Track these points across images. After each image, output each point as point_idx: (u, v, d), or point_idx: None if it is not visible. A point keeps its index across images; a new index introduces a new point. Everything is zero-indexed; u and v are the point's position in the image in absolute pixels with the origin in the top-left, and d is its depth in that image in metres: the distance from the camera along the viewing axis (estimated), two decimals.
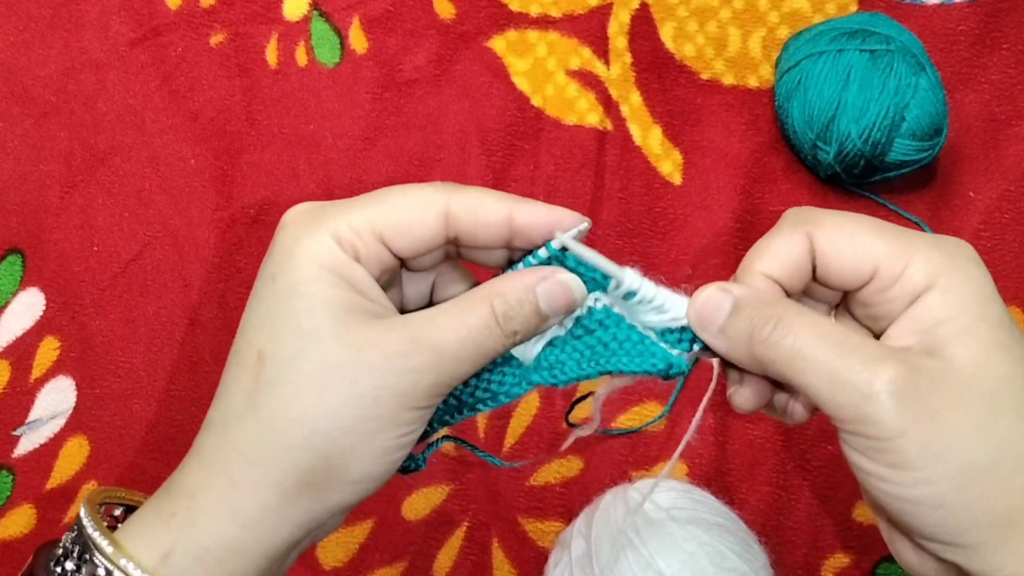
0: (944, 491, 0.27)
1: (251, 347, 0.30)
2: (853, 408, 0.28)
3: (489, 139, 0.67)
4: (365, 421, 0.28)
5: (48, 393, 0.62)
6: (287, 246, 0.30)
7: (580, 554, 0.51)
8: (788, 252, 0.32)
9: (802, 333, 0.29)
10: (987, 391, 0.28)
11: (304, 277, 0.29)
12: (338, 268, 0.29)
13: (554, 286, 0.31)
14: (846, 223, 0.31)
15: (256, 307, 0.30)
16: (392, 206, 0.30)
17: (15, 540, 0.60)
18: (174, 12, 0.70)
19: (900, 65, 0.59)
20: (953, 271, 0.30)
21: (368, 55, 0.69)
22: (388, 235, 0.30)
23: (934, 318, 0.29)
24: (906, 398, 0.27)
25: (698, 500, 0.53)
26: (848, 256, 0.31)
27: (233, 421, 0.29)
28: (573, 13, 0.69)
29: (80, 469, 0.61)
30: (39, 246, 0.65)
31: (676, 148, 0.66)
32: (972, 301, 0.29)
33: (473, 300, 0.30)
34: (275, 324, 0.29)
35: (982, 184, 0.65)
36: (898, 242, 0.30)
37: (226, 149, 0.67)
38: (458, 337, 0.29)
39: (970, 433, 0.27)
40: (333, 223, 0.30)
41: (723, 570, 0.48)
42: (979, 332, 0.29)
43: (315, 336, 0.29)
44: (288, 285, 0.29)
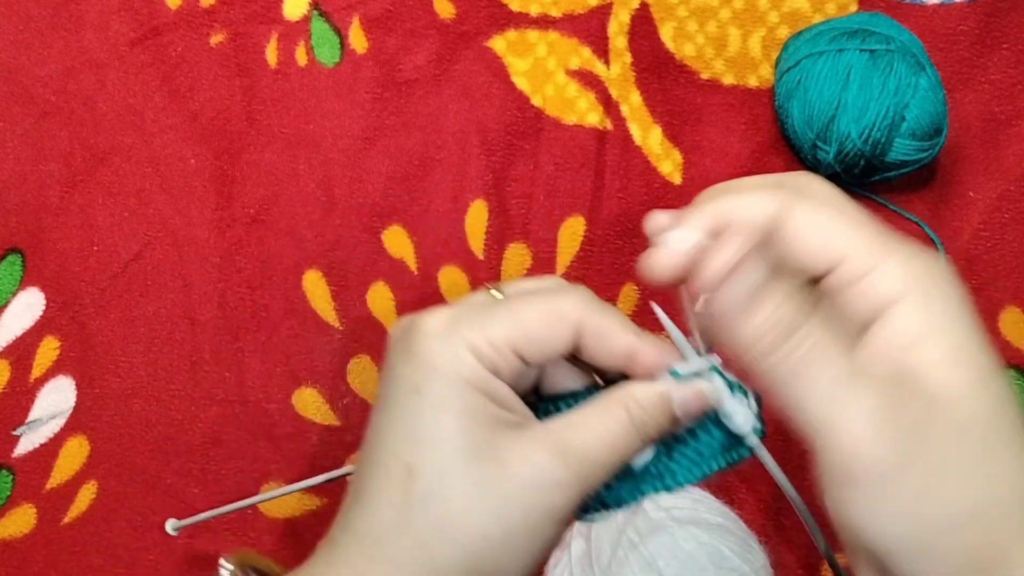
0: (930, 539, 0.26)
1: (398, 460, 0.29)
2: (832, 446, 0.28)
3: (489, 139, 0.67)
4: (515, 537, 0.29)
5: (48, 393, 0.62)
6: (428, 358, 0.30)
7: (580, 554, 0.51)
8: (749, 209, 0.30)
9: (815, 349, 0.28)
10: (974, 432, 0.26)
11: (450, 392, 0.29)
12: (481, 383, 0.30)
13: (690, 396, 0.32)
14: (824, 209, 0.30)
15: (398, 418, 0.30)
16: (529, 321, 0.30)
17: (15, 540, 0.60)
18: (174, 12, 0.70)
19: (900, 65, 0.59)
20: (931, 284, 0.28)
21: (368, 55, 0.69)
22: (523, 349, 0.30)
23: (915, 332, 0.27)
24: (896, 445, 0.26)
25: (698, 500, 0.53)
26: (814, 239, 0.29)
27: (385, 535, 0.29)
28: (573, 13, 0.69)
29: (80, 469, 0.61)
30: (39, 246, 0.65)
31: (676, 148, 0.66)
32: (953, 321, 0.27)
33: (610, 404, 0.31)
34: (424, 439, 0.29)
35: (982, 184, 0.65)
36: (872, 242, 0.29)
37: (226, 149, 0.67)
38: (602, 444, 0.30)
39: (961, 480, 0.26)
40: (472, 335, 0.30)
41: (723, 570, 0.48)
42: (961, 362, 0.27)
43: (466, 452, 0.29)
44: (435, 399, 0.29)
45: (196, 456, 0.61)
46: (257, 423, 0.61)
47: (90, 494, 0.61)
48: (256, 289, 0.64)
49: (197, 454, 0.61)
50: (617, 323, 0.32)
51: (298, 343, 0.63)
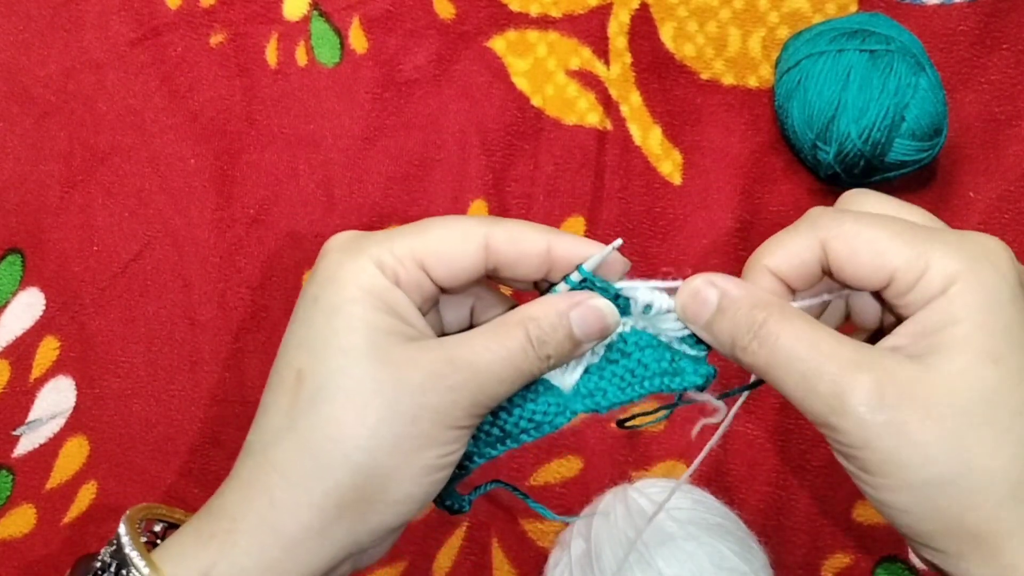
0: (908, 500, 0.28)
1: (290, 367, 0.30)
2: (824, 416, 0.29)
3: (489, 139, 0.67)
4: (406, 439, 0.29)
5: (48, 393, 0.62)
6: (330, 270, 0.30)
7: (580, 554, 0.51)
8: (798, 253, 0.32)
9: (780, 341, 0.30)
10: (962, 405, 0.28)
11: (346, 298, 0.30)
12: (379, 292, 0.30)
13: (587, 311, 0.32)
14: (865, 229, 0.31)
15: (296, 328, 0.31)
16: (433, 236, 0.31)
17: (15, 540, 0.60)
18: (174, 12, 0.70)
19: (900, 65, 0.59)
20: (967, 276, 0.29)
21: (368, 55, 0.69)
22: (429, 263, 0.31)
23: (934, 322, 0.29)
24: (872, 409, 0.28)
25: (698, 500, 0.53)
26: (864, 263, 0.31)
27: (272, 441, 0.29)
28: (573, 13, 0.69)
29: (80, 469, 0.61)
30: (39, 246, 0.65)
31: (676, 148, 0.66)
32: (979, 308, 0.29)
33: (508, 324, 0.31)
34: (315, 343, 0.30)
35: (982, 184, 0.65)
36: (916, 248, 0.30)
37: (226, 149, 0.67)
38: (495, 357, 0.30)
39: (935, 447, 0.27)
40: (376, 249, 0.30)
41: (723, 570, 0.48)
42: (973, 342, 0.28)
43: (354, 355, 0.29)
44: (329, 306, 0.30)
45: (196, 456, 0.61)
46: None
47: (90, 494, 0.61)
48: (256, 289, 0.64)
49: (197, 454, 0.61)
50: (527, 226, 0.32)
51: None
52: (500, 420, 0.34)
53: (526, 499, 0.37)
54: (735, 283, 0.32)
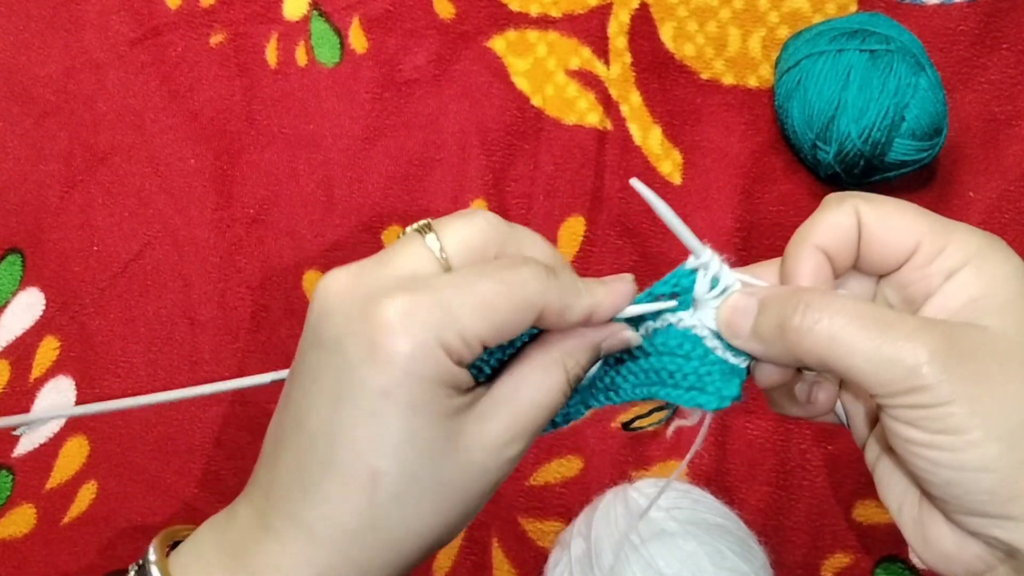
0: (993, 454, 0.27)
1: (362, 464, 0.29)
2: (900, 381, 0.28)
3: (489, 139, 0.67)
4: (472, 514, 0.31)
5: (48, 393, 0.62)
6: (399, 359, 0.28)
7: (580, 554, 0.51)
8: (839, 223, 0.32)
9: (835, 314, 0.29)
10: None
11: (422, 397, 0.29)
12: (449, 379, 0.29)
13: (616, 343, 0.33)
14: (890, 201, 0.32)
15: (363, 420, 0.29)
16: (499, 312, 0.29)
17: (15, 540, 0.60)
18: (174, 12, 0.70)
19: (900, 65, 0.59)
20: (989, 253, 0.31)
21: (368, 55, 0.69)
22: (490, 340, 0.30)
23: (970, 294, 0.30)
24: (952, 363, 0.28)
25: (698, 500, 0.53)
26: (894, 228, 0.32)
27: (350, 537, 0.29)
28: (573, 13, 0.69)
29: (80, 469, 0.61)
30: (39, 246, 0.65)
31: (676, 148, 0.66)
32: (1008, 280, 0.30)
33: (550, 366, 0.31)
34: (391, 444, 0.29)
35: (982, 184, 0.65)
36: (939, 223, 0.32)
37: (226, 149, 0.67)
38: (543, 411, 0.31)
39: (1018, 396, 0.28)
40: (445, 335, 0.29)
41: (723, 570, 0.48)
42: (1016, 307, 0.29)
43: (433, 453, 0.29)
44: (406, 404, 0.29)
45: (196, 456, 0.61)
46: (257, 423, 0.61)
47: (90, 494, 0.61)
48: (256, 289, 0.64)
49: (197, 454, 0.61)
50: (572, 294, 0.31)
51: (298, 343, 0.63)
52: None
53: None
54: (769, 287, 0.33)
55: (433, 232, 0.30)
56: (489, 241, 0.31)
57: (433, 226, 0.31)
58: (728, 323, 0.32)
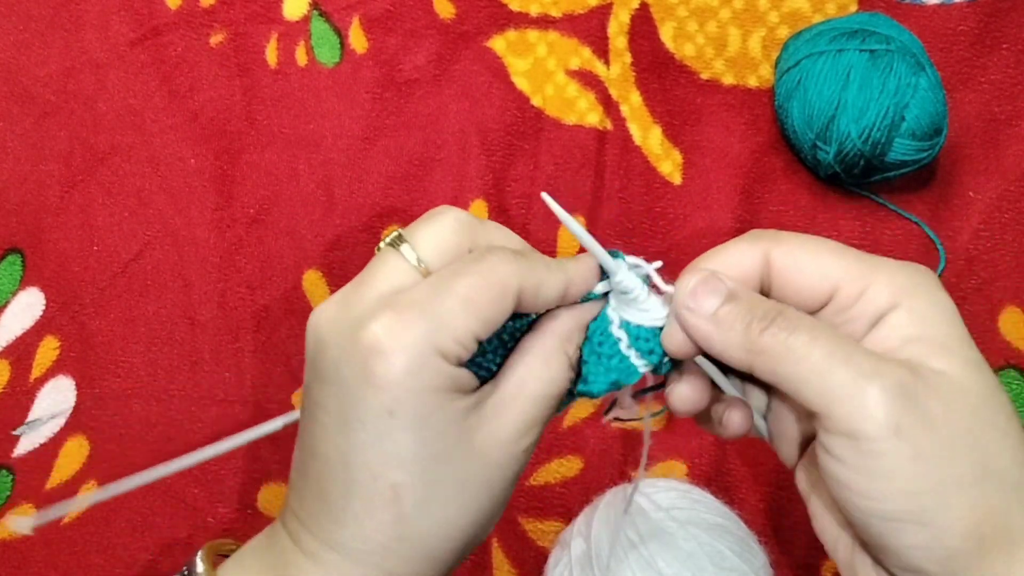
0: (929, 505, 0.27)
1: (382, 481, 0.29)
2: (844, 420, 0.27)
3: (489, 139, 0.67)
4: (505, 501, 0.32)
5: (48, 393, 0.62)
6: (397, 379, 0.28)
7: (580, 554, 0.51)
8: (739, 262, 0.32)
9: (802, 330, 0.29)
10: (973, 405, 0.28)
11: (427, 408, 0.29)
12: (450, 382, 0.30)
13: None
14: (806, 242, 0.31)
15: (374, 440, 0.29)
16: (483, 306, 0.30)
17: (15, 540, 0.60)
18: (174, 12, 0.70)
19: (900, 65, 0.59)
20: (918, 293, 0.29)
21: (368, 55, 0.69)
22: (481, 333, 0.30)
23: (904, 336, 0.29)
24: (904, 402, 0.27)
25: (698, 500, 0.53)
26: (807, 273, 0.30)
27: (380, 550, 0.30)
28: (573, 13, 0.69)
29: (80, 469, 0.61)
30: (39, 246, 0.65)
31: (676, 148, 0.66)
32: (941, 321, 0.29)
33: (550, 353, 0.32)
34: (405, 459, 0.29)
35: (982, 184, 0.65)
36: (859, 264, 0.30)
37: (226, 149, 0.67)
38: (552, 401, 0.32)
39: (960, 445, 0.27)
40: (440, 341, 0.29)
41: (723, 570, 0.48)
42: (955, 350, 0.29)
43: (448, 458, 0.30)
44: (413, 420, 0.29)
45: None
46: (257, 423, 0.61)
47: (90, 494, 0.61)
48: (256, 289, 0.64)
49: None
50: (542, 269, 0.32)
51: (298, 343, 0.63)
52: None
53: None
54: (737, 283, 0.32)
55: (406, 242, 0.31)
56: (462, 238, 0.32)
57: (405, 235, 0.32)
58: (693, 291, 0.32)
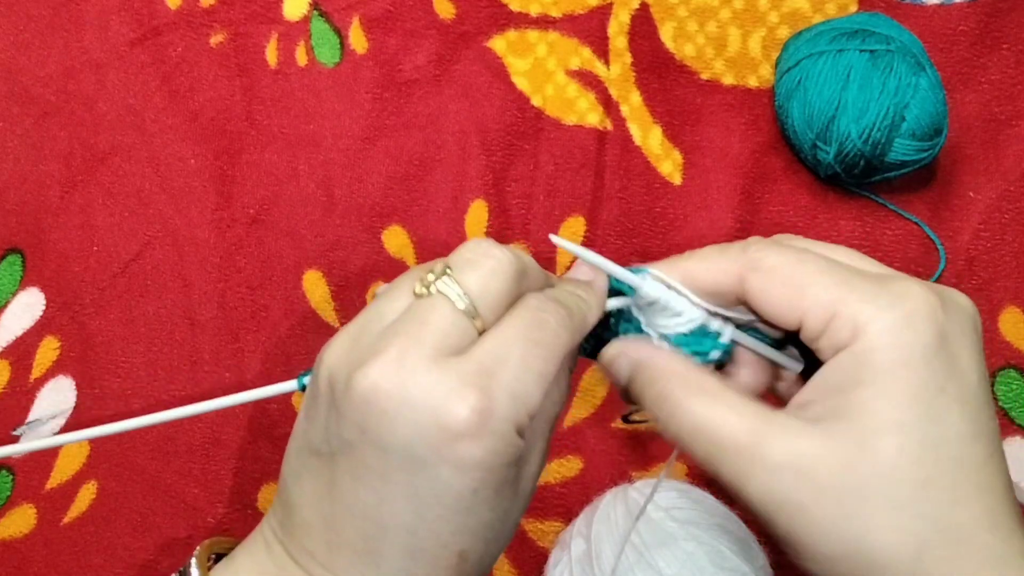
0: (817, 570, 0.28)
1: (450, 548, 0.30)
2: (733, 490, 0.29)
3: (489, 139, 0.67)
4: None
5: (48, 393, 0.62)
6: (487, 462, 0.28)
7: (580, 554, 0.51)
8: (714, 277, 0.32)
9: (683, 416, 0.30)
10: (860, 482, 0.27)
11: (503, 482, 0.30)
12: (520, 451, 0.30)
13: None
14: (785, 266, 0.30)
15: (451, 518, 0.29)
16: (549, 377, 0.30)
17: (15, 540, 0.60)
18: (174, 12, 0.70)
19: (900, 65, 0.59)
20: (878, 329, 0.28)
21: (368, 55, 0.69)
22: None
23: (840, 381, 0.28)
24: (771, 487, 0.28)
25: (698, 500, 0.53)
26: (776, 302, 0.30)
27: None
28: (573, 13, 0.69)
29: (80, 469, 0.61)
30: (39, 246, 0.65)
31: (676, 148, 0.66)
32: (886, 370, 0.27)
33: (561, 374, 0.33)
34: (479, 528, 0.30)
35: (982, 184, 0.65)
36: (830, 290, 0.29)
37: (226, 149, 0.67)
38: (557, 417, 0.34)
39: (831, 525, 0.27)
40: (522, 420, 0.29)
41: (723, 570, 0.48)
42: (877, 411, 0.27)
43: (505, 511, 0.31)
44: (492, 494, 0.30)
45: (196, 456, 0.61)
46: (257, 423, 0.61)
47: (90, 494, 0.61)
48: (256, 289, 0.64)
49: (197, 454, 0.61)
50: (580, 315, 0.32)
51: (298, 343, 0.63)
52: None
53: None
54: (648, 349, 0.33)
55: (455, 283, 0.30)
56: (512, 287, 0.31)
57: (452, 277, 0.30)
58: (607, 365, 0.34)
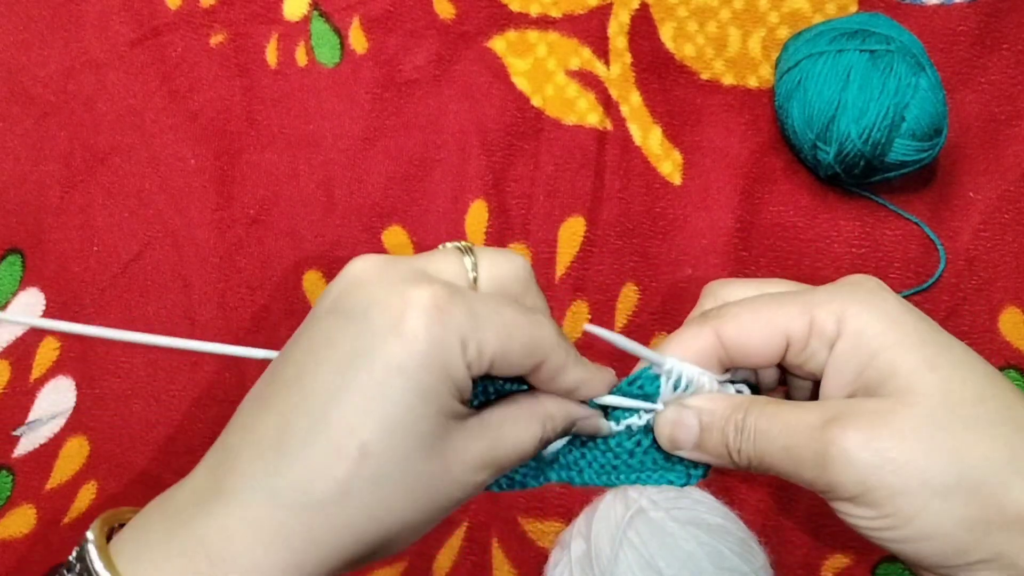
0: (927, 522, 0.28)
1: (354, 435, 0.28)
2: (819, 479, 0.30)
3: (489, 139, 0.67)
4: (428, 525, 0.31)
5: (48, 393, 0.62)
6: (421, 338, 0.28)
7: (580, 554, 0.51)
8: (695, 347, 0.33)
9: (759, 432, 0.31)
10: (927, 414, 0.29)
11: (432, 384, 0.29)
12: (460, 381, 0.29)
13: (589, 427, 0.34)
14: (747, 307, 0.33)
15: (366, 392, 0.28)
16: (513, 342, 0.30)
17: (15, 540, 0.60)
18: (174, 12, 0.70)
19: (900, 65, 0.59)
20: (855, 308, 0.31)
21: (368, 55, 0.69)
22: (497, 364, 0.30)
23: (857, 360, 0.30)
24: (857, 450, 0.29)
25: (698, 500, 0.53)
26: (755, 335, 0.32)
27: (314, 506, 0.29)
28: (573, 13, 0.69)
29: (80, 469, 0.61)
30: (39, 246, 0.65)
31: (676, 148, 0.66)
32: (885, 331, 0.30)
33: (532, 419, 0.32)
34: (391, 423, 0.28)
35: (982, 184, 0.65)
36: (796, 304, 0.32)
37: (226, 149, 0.67)
38: (515, 454, 0.32)
39: (925, 461, 0.28)
40: (469, 340, 0.29)
41: (723, 570, 0.48)
42: (903, 362, 0.29)
43: (424, 446, 0.29)
44: (416, 387, 0.28)
45: (196, 456, 0.61)
46: None
47: (90, 494, 0.61)
48: (256, 289, 0.64)
49: (197, 454, 0.61)
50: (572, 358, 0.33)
51: None
52: None
53: None
54: (705, 398, 0.34)
55: (472, 255, 0.32)
56: (517, 286, 0.32)
57: (474, 250, 0.32)
58: (670, 438, 0.34)
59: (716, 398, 0.34)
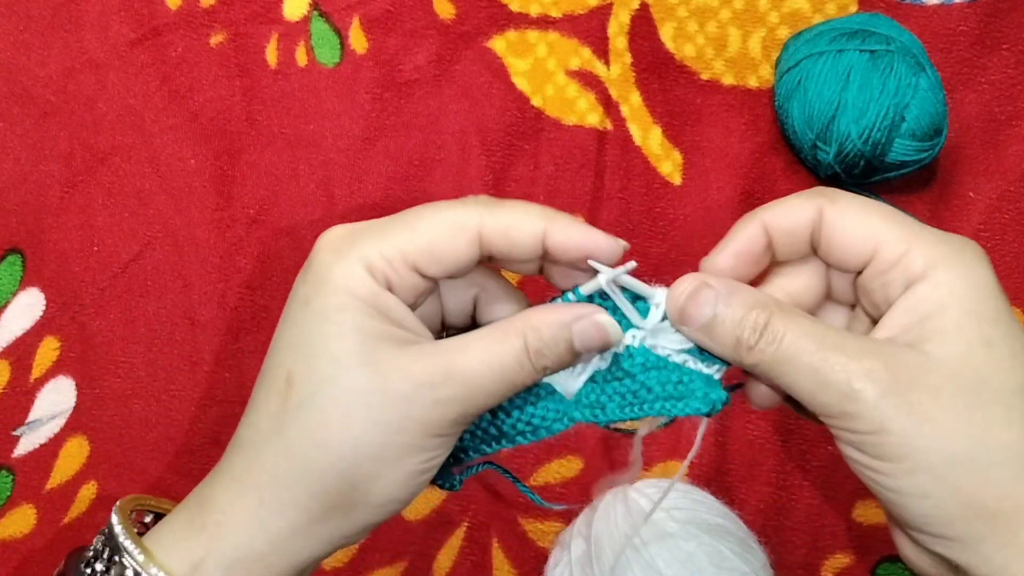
0: (927, 481, 0.28)
1: (281, 368, 0.30)
2: (837, 406, 0.29)
3: (489, 139, 0.67)
4: (390, 448, 0.29)
5: (48, 393, 0.62)
6: (321, 272, 0.31)
7: (580, 554, 0.51)
8: (795, 212, 0.33)
9: (787, 338, 0.30)
10: (967, 385, 0.28)
11: (337, 304, 0.30)
12: (370, 298, 0.30)
13: (589, 327, 0.31)
14: (860, 203, 0.32)
15: (288, 329, 0.31)
16: (423, 232, 0.31)
17: (15, 540, 0.60)
18: (174, 12, 0.70)
19: (900, 65, 0.59)
20: (951, 264, 0.30)
21: (368, 55, 0.69)
22: (420, 263, 0.30)
23: (925, 310, 0.30)
24: (886, 393, 0.28)
25: (698, 500, 0.53)
26: (851, 232, 0.31)
27: (262, 442, 0.30)
28: (573, 13, 0.69)
29: (80, 469, 0.61)
30: (39, 246, 0.65)
31: (676, 148, 0.66)
32: (965, 296, 0.30)
33: (507, 332, 0.31)
34: (306, 348, 0.30)
35: (982, 184, 0.65)
36: (904, 229, 0.31)
37: (226, 149, 0.67)
38: (488, 371, 0.30)
39: (950, 426, 0.28)
40: (366, 251, 0.30)
41: (723, 570, 0.48)
42: (965, 328, 0.29)
43: (344, 362, 0.29)
44: (321, 310, 0.30)
45: (196, 456, 0.61)
46: None
47: (90, 494, 0.61)
48: (256, 289, 0.64)
49: (197, 454, 0.61)
50: (523, 212, 0.31)
51: None
52: (498, 420, 0.34)
53: (516, 482, 0.37)
54: (730, 283, 0.33)
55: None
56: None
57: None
58: (682, 312, 0.32)
59: (741, 286, 0.33)
